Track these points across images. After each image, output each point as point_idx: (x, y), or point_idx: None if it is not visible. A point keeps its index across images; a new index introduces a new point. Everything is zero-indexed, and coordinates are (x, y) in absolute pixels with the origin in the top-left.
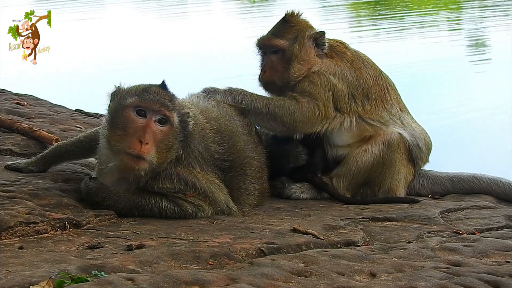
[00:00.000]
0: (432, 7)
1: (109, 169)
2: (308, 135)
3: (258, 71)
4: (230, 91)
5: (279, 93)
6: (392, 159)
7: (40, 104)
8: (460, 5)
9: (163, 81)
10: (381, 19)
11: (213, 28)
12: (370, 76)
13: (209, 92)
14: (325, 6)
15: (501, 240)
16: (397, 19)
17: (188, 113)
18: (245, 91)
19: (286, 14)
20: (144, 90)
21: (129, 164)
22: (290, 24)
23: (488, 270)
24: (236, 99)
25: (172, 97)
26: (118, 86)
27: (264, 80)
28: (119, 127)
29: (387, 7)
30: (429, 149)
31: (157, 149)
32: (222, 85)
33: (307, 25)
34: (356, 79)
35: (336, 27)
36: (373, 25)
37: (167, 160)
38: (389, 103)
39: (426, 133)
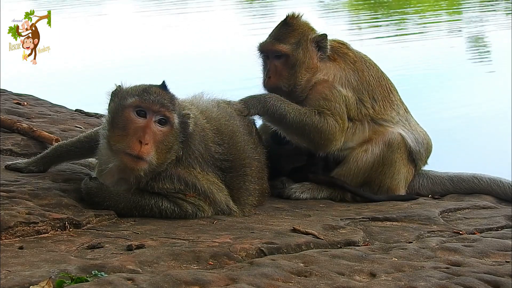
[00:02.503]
0: (432, 8)
1: (109, 169)
2: None
3: (260, 73)
4: (265, 99)
5: (286, 98)
6: (392, 159)
7: (40, 104)
8: (460, 4)
9: (164, 82)
10: (381, 20)
11: (214, 28)
12: (373, 77)
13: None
14: (325, 8)
15: (501, 240)
16: (397, 20)
17: (188, 114)
18: (281, 99)
19: (287, 16)
20: (144, 91)
21: (128, 164)
22: (292, 27)
23: (488, 270)
24: (267, 108)
25: (172, 97)
26: (119, 86)
27: (270, 86)
28: (119, 127)
29: (387, 9)
30: (429, 152)
31: (157, 149)
32: (222, 85)
33: (308, 28)
34: (359, 82)
35: (335, 27)
36: (373, 26)
37: (167, 160)
38: (395, 103)
39: (429, 137)
